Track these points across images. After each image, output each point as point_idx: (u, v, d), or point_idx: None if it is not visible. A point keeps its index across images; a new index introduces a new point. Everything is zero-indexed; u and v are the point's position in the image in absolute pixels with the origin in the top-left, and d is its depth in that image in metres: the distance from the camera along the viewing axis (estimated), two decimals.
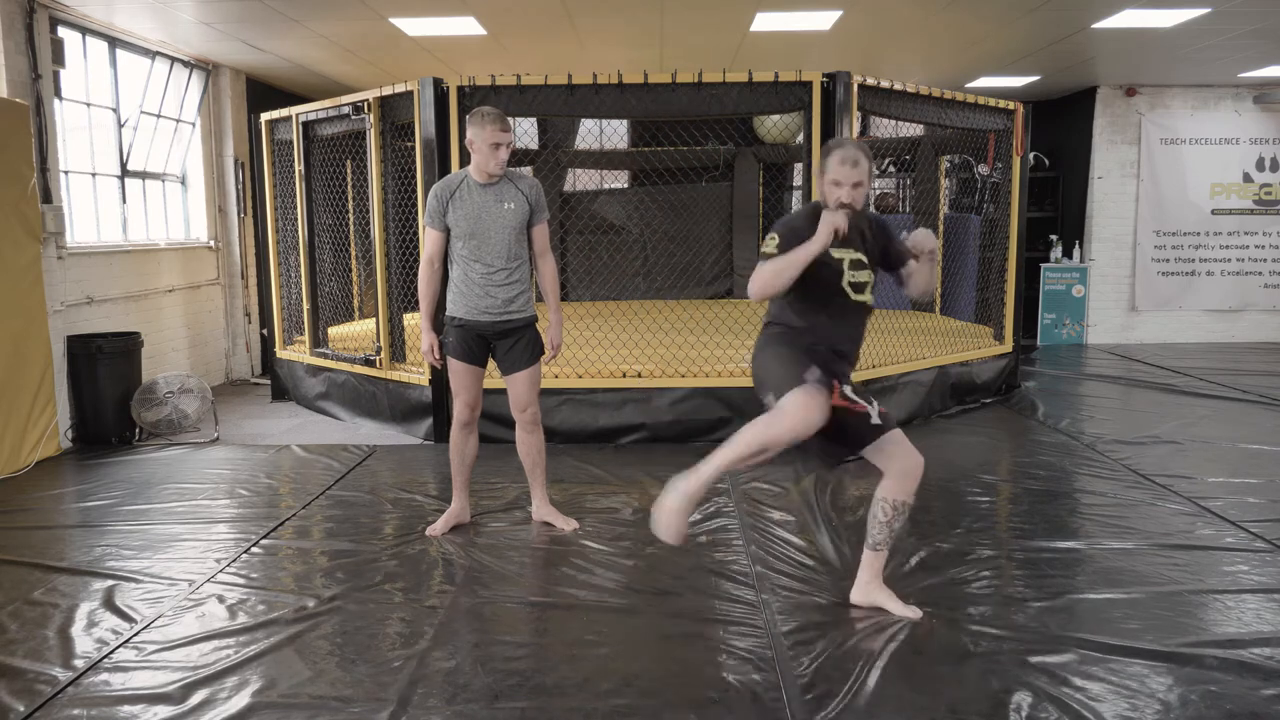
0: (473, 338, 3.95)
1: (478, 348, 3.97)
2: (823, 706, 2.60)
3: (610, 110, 5.75)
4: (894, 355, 6.12)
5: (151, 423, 5.96)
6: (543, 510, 4.21)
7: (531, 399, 4.03)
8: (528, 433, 4.08)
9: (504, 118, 3.80)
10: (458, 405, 4.03)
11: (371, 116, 5.88)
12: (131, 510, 4.46)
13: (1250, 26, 6.87)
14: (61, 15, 6.01)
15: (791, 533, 4.06)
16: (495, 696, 2.67)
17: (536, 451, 4.12)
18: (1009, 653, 2.90)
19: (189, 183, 7.92)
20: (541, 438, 4.13)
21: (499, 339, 3.96)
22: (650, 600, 3.34)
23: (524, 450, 4.12)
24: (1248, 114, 9.67)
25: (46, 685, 2.77)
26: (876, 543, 3.23)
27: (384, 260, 5.99)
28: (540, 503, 4.22)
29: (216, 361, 8.05)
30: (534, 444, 4.10)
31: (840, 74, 5.48)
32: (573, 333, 6.21)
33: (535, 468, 4.15)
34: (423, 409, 5.82)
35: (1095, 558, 3.72)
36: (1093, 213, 9.90)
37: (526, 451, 4.12)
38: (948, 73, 8.72)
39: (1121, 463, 5.14)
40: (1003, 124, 6.90)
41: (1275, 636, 3.00)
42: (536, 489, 4.21)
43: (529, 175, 4.11)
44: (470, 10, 6.27)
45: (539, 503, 4.23)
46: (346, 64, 7.95)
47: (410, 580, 3.56)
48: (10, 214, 5.22)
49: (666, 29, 6.87)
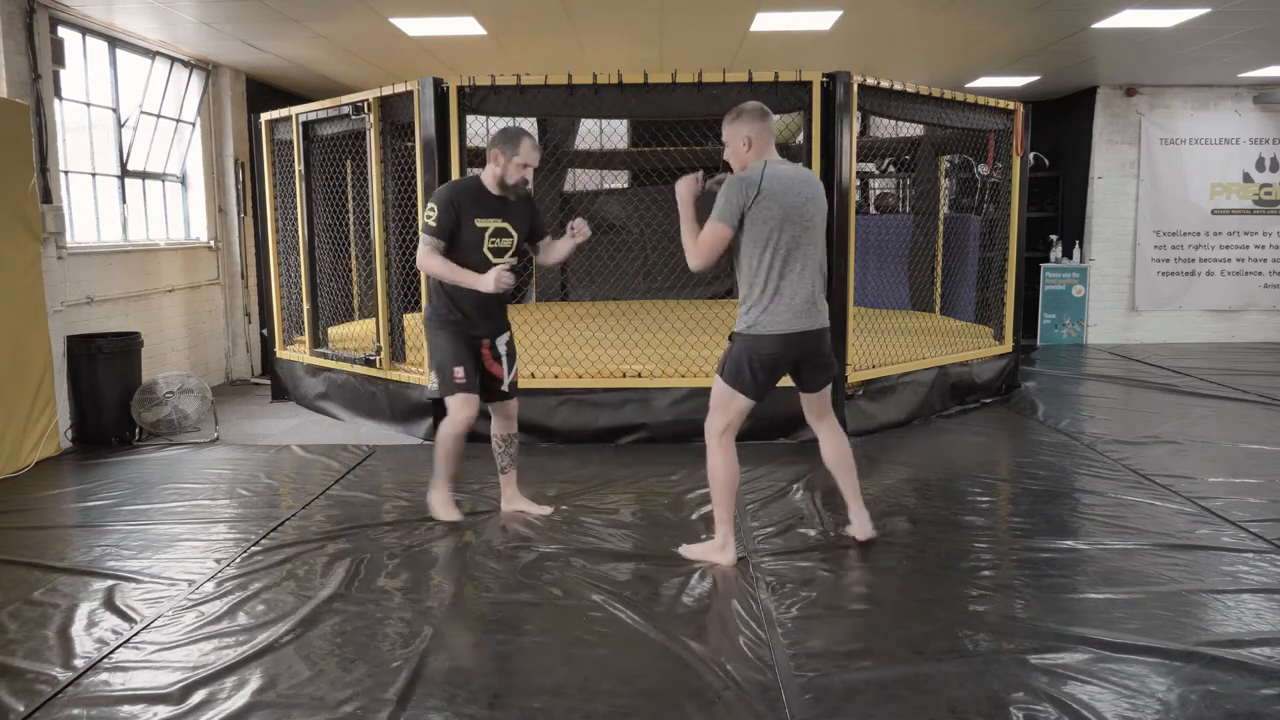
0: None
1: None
2: (822, 706, 2.60)
3: (610, 110, 5.75)
4: (894, 355, 6.12)
5: (151, 423, 5.96)
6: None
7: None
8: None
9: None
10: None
11: (371, 116, 5.88)
12: (131, 510, 4.46)
13: (1250, 26, 6.87)
14: (61, 15, 6.01)
15: (790, 533, 4.06)
16: (495, 696, 2.67)
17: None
18: (1009, 653, 2.90)
19: (189, 183, 7.92)
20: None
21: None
22: (650, 600, 3.34)
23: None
24: (1248, 114, 9.67)
25: (46, 685, 2.76)
26: (504, 467, 4.31)
27: (384, 260, 5.99)
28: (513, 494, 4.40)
29: (216, 361, 8.05)
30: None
31: (840, 74, 5.48)
32: (573, 333, 6.21)
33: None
34: (422, 409, 5.82)
35: (1095, 558, 3.72)
36: (1093, 213, 9.90)
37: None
38: (948, 73, 8.72)
39: (1121, 463, 5.14)
40: (1003, 124, 6.90)
41: (1275, 636, 3.00)
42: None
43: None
44: (470, 10, 6.27)
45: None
46: (346, 64, 7.95)
47: (410, 580, 3.56)
48: (10, 214, 5.22)
49: (666, 29, 6.87)
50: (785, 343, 3.49)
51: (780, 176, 3.45)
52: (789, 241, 3.45)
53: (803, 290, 3.49)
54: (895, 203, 10.13)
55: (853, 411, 5.74)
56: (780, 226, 3.43)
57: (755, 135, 3.50)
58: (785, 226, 3.43)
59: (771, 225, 3.42)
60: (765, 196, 3.40)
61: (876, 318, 6.62)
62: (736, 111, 3.54)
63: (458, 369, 3.98)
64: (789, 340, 3.49)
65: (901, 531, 4.05)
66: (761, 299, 3.47)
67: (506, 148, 3.89)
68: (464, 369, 3.98)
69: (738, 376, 3.54)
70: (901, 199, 10.14)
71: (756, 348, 3.50)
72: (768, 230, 3.43)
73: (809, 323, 3.52)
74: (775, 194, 3.41)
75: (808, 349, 3.56)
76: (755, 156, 3.51)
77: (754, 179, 3.42)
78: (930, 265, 8.26)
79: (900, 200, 10.13)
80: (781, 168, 3.48)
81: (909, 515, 4.26)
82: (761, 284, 3.46)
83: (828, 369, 3.70)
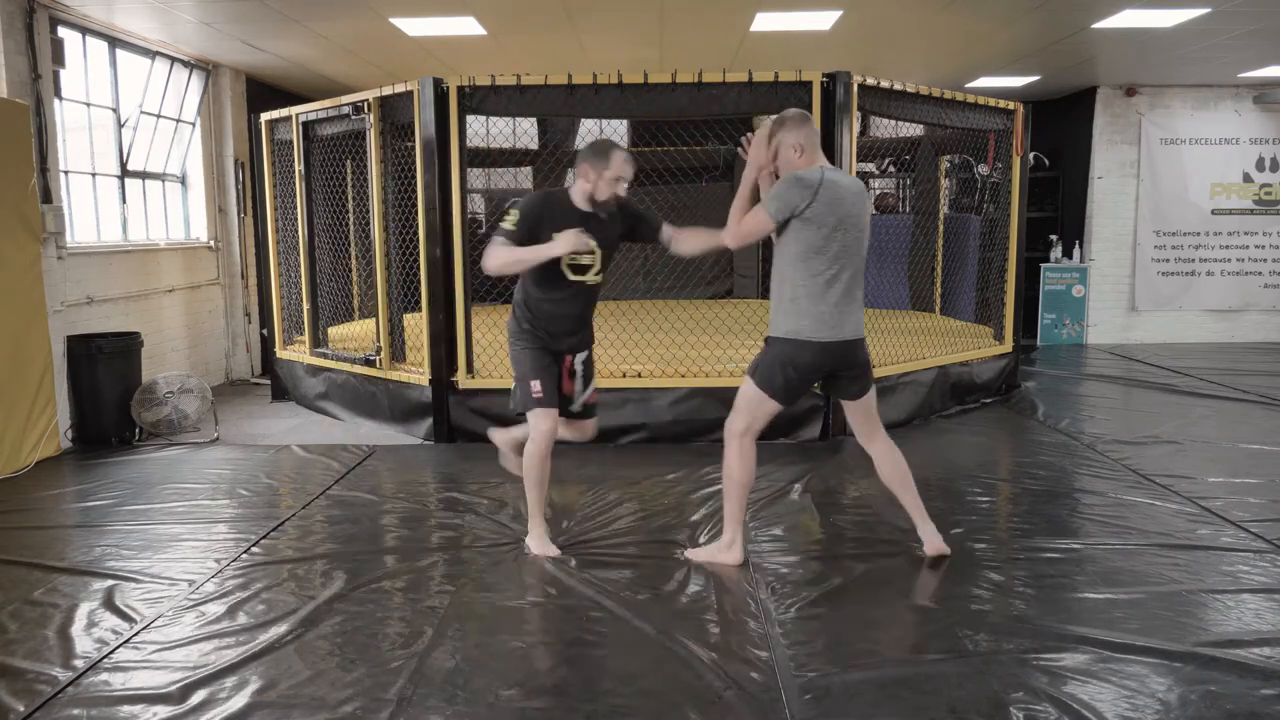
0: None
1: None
2: (822, 706, 2.60)
3: (610, 110, 5.75)
4: (894, 355, 6.12)
5: (151, 423, 5.96)
6: None
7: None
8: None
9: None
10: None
11: (371, 116, 5.88)
12: (131, 510, 4.46)
13: (1250, 26, 6.87)
14: (61, 15, 6.01)
15: (790, 533, 4.06)
16: (495, 696, 2.67)
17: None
18: (1009, 653, 2.90)
19: (189, 183, 7.92)
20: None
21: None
22: (650, 600, 3.34)
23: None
24: (1248, 114, 9.67)
25: (46, 685, 2.77)
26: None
27: (384, 260, 5.99)
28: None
29: (216, 361, 8.05)
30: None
31: (840, 74, 5.49)
32: None
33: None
34: (423, 409, 5.82)
35: (1095, 558, 3.72)
36: (1093, 213, 9.90)
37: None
38: (948, 73, 8.72)
39: (1121, 463, 5.14)
40: (1003, 124, 6.90)
41: (1275, 636, 3.00)
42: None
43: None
44: (470, 10, 6.27)
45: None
46: (346, 64, 7.95)
47: (410, 580, 3.56)
48: (10, 214, 5.22)
49: (666, 29, 6.87)
50: (824, 351, 3.43)
51: (837, 184, 3.38)
52: (838, 250, 3.39)
53: (846, 299, 3.43)
54: (895, 203, 10.13)
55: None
56: (832, 235, 3.36)
57: (804, 141, 3.44)
58: (837, 235, 3.37)
59: (825, 232, 3.36)
60: (820, 203, 3.33)
61: (876, 318, 6.59)
62: (779, 120, 3.49)
63: (534, 382, 3.73)
64: (828, 349, 3.43)
65: (901, 531, 4.05)
66: (805, 305, 3.40)
67: (597, 162, 3.70)
68: (540, 382, 3.73)
69: (770, 381, 3.48)
70: (901, 199, 10.14)
71: (795, 354, 3.44)
72: (820, 237, 3.36)
73: (849, 332, 3.47)
74: (831, 202, 3.34)
75: (845, 358, 3.50)
76: (807, 164, 3.44)
77: (812, 183, 3.34)
78: (930, 265, 8.27)
79: (900, 200, 10.13)
80: (837, 176, 3.42)
81: (909, 515, 4.25)
82: (806, 289, 3.40)
83: (864, 378, 3.60)
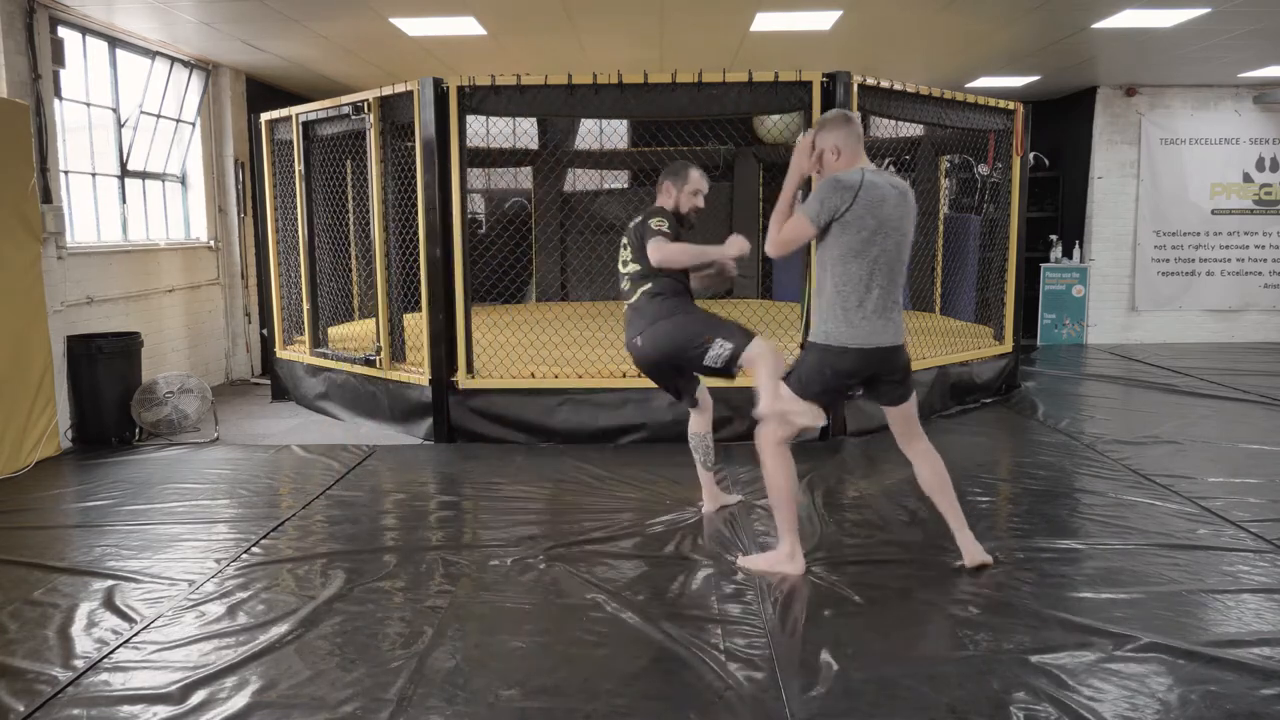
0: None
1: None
2: (823, 706, 2.60)
3: (610, 110, 5.74)
4: None
5: (151, 423, 5.96)
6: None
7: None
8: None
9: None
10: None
11: (371, 116, 5.88)
12: (131, 510, 4.46)
13: (1250, 26, 6.87)
14: (61, 15, 6.01)
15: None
16: (495, 696, 2.67)
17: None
18: (1009, 653, 2.90)
19: (189, 183, 7.92)
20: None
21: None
22: (650, 600, 3.34)
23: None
24: (1248, 114, 9.67)
25: (46, 685, 2.77)
26: (709, 464, 4.30)
27: (384, 260, 5.99)
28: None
29: (216, 361, 8.05)
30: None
31: (840, 74, 5.48)
32: (573, 333, 6.21)
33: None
34: (422, 409, 5.81)
35: (1095, 558, 3.72)
36: (1093, 213, 9.90)
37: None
38: (948, 73, 8.72)
39: (1121, 463, 5.14)
40: (1003, 124, 6.90)
41: (1275, 636, 3.00)
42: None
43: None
44: (470, 10, 6.27)
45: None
46: (346, 64, 7.95)
47: (410, 580, 3.56)
48: (10, 214, 5.22)
49: (666, 29, 6.87)
50: (865, 358, 3.36)
51: (878, 186, 3.30)
52: (879, 254, 3.30)
53: (887, 304, 3.36)
54: None
55: (853, 411, 5.74)
56: (873, 239, 3.28)
57: (842, 143, 3.37)
58: (878, 239, 3.28)
59: (865, 236, 3.28)
60: (860, 206, 3.25)
61: None
62: (820, 123, 3.43)
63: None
64: (869, 355, 3.36)
65: (901, 531, 4.05)
66: (846, 310, 3.33)
67: (677, 180, 4.02)
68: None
69: (808, 388, 3.43)
70: None
71: (836, 362, 3.37)
72: (861, 241, 3.28)
73: (891, 338, 3.39)
74: (872, 205, 3.27)
75: (885, 365, 3.43)
76: (846, 166, 3.37)
77: (852, 185, 3.27)
78: (930, 265, 8.27)
79: None
80: (879, 178, 3.33)
81: (909, 515, 4.26)
82: (847, 295, 3.32)
83: (904, 384, 3.52)
